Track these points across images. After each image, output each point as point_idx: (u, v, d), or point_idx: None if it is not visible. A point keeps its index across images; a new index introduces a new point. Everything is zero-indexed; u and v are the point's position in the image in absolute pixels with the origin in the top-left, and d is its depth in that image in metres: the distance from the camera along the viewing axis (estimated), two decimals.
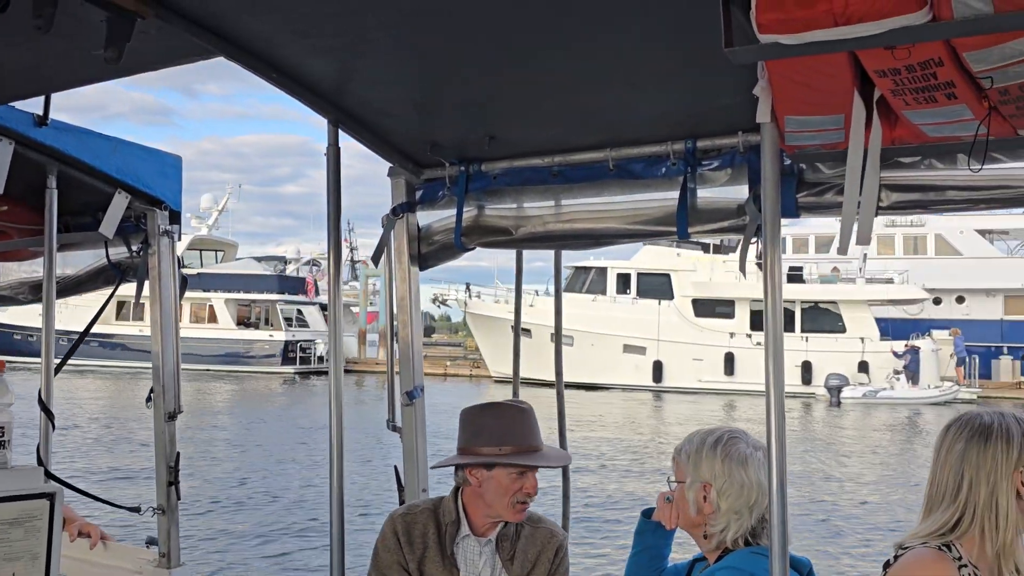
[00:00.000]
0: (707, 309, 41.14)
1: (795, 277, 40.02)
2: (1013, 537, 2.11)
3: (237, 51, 2.64)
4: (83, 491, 4.08)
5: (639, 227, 3.11)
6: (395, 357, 3.66)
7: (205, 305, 47.80)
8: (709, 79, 2.54)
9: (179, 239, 3.90)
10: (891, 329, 40.68)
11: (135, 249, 3.98)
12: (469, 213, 3.40)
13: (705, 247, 41.17)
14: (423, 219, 3.57)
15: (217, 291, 47.65)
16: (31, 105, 3.37)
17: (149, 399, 3.86)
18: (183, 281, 3.95)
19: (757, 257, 2.52)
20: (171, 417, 3.87)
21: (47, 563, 2.96)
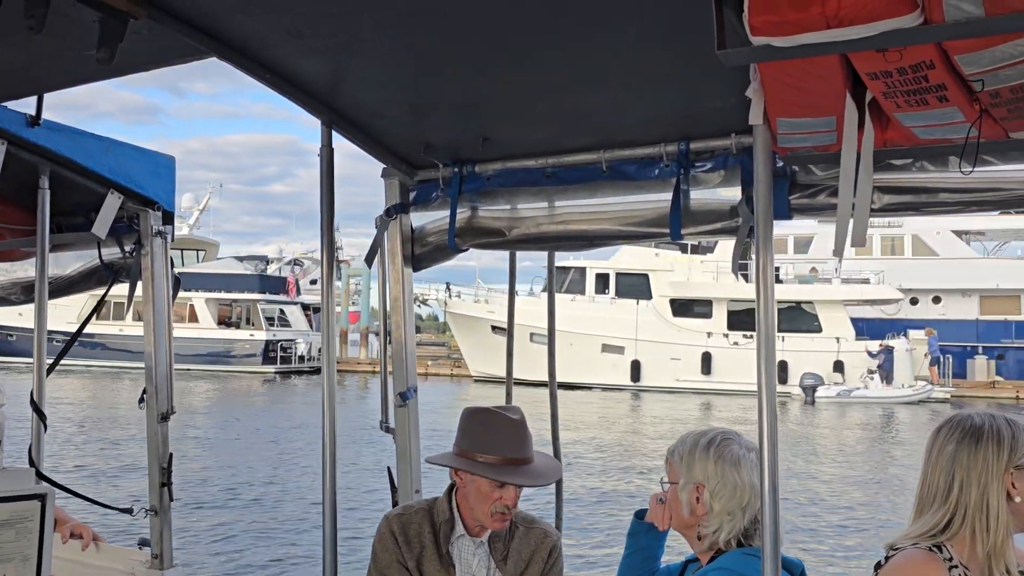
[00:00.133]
0: (685, 309, 41.21)
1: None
2: (1004, 538, 2.13)
3: (230, 51, 2.63)
4: (75, 492, 4.05)
5: (632, 228, 3.12)
6: (388, 357, 3.67)
7: (186, 304, 47.28)
8: (702, 81, 2.56)
9: (172, 240, 3.88)
10: (868, 329, 40.89)
11: (128, 250, 3.96)
12: (463, 214, 3.40)
13: (683, 247, 41.24)
14: (416, 220, 3.57)
15: (198, 290, 47.15)
16: (23, 105, 3.35)
17: (142, 400, 3.84)
18: (176, 282, 3.93)
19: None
20: (164, 418, 3.85)
21: (38, 564, 2.94)
